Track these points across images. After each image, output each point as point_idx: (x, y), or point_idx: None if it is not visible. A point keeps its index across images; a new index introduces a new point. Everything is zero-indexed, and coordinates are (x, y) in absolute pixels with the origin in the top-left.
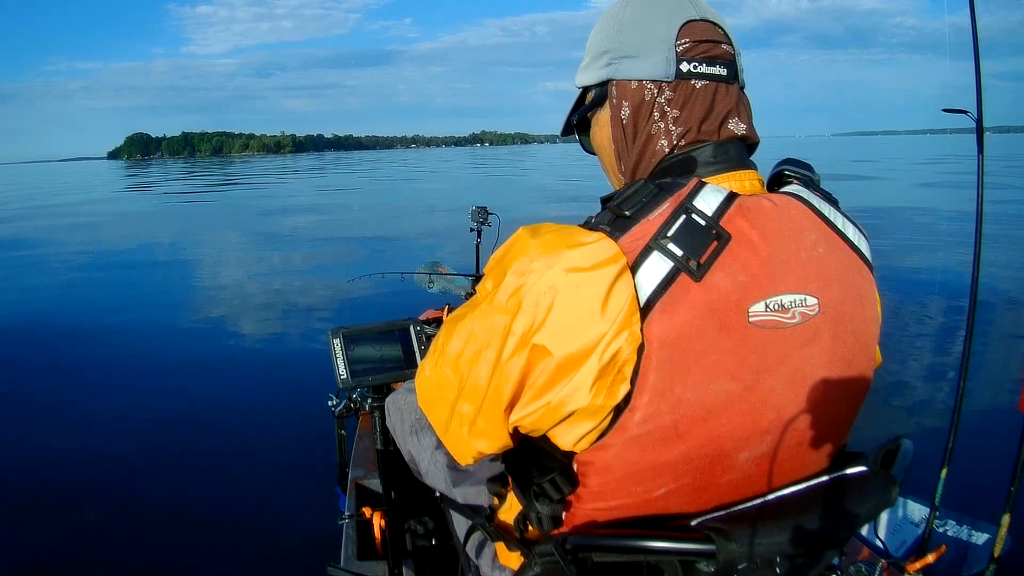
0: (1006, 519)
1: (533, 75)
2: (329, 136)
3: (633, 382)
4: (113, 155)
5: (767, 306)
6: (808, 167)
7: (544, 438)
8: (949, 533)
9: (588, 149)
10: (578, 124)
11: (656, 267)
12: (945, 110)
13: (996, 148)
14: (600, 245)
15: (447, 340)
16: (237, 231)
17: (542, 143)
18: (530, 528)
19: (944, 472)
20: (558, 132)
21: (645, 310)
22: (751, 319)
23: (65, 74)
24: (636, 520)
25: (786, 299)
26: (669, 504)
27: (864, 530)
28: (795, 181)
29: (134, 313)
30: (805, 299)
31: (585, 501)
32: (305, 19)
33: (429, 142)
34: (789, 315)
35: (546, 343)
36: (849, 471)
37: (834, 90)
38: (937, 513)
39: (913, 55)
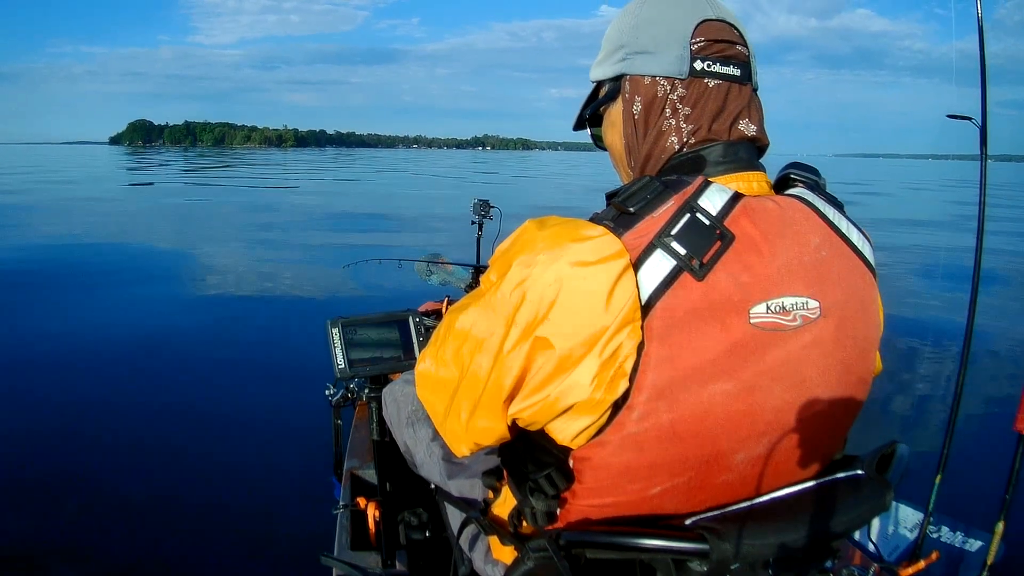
0: (1000, 527)
1: (538, 81)
2: (331, 132)
3: (632, 379)
4: (115, 140)
5: (768, 308)
6: (814, 171)
7: (541, 433)
8: (942, 539)
9: (599, 144)
10: (590, 118)
11: (659, 265)
12: (950, 116)
13: (998, 175)
14: (604, 240)
15: (448, 330)
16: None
17: (543, 149)
18: (524, 523)
19: (939, 478)
20: (560, 139)
21: (646, 308)
22: (752, 320)
23: (71, 56)
24: (630, 518)
25: (788, 301)
26: (664, 503)
27: (857, 534)
28: (800, 184)
29: (127, 300)
30: (807, 302)
31: (580, 497)
32: (313, 14)
33: (431, 143)
34: (790, 317)
35: (548, 335)
36: (844, 475)
37: (838, 110)
38: (931, 519)
39: (919, 79)
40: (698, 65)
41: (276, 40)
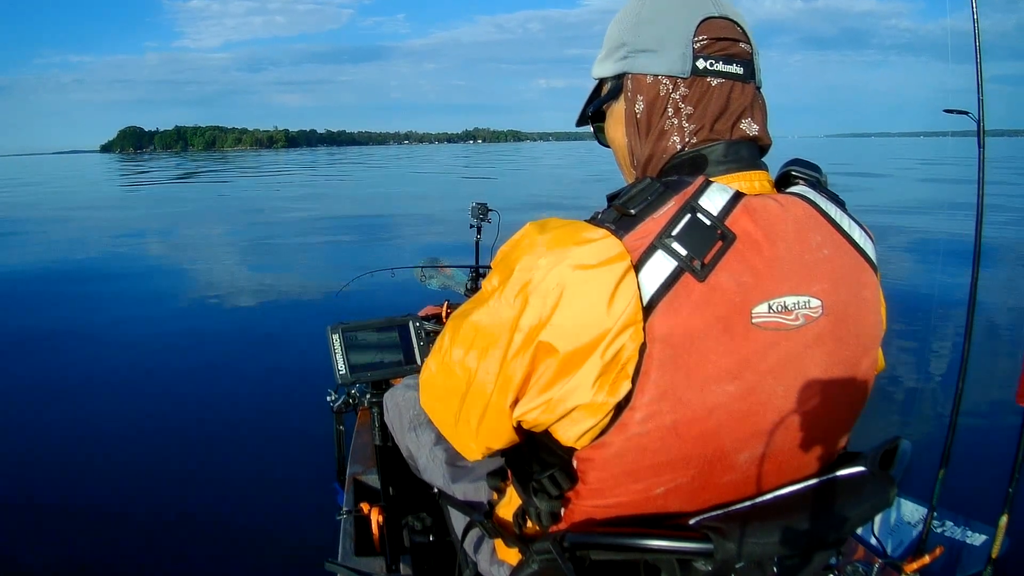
0: (1004, 520)
1: (526, 72)
2: (322, 132)
3: (635, 381)
4: (106, 148)
5: (770, 307)
6: (815, 168)
7: (545, 434)
8: (946, 534)
9: (602, 141)
10: (593, 116)
11: (660, 266)
12: (946, 111)
13: (991, 151)
14: (605, 243)
15: (453, 337)
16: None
17: (535, 140)
18: (528, 524)
19: (942, 473)
20: (551, 129)
21: (648, 309)
22: (754, 320)
23: (59, 67)
24: (634, 518)
25: (789, 300)
26: (668, 503)
27: (861, 530)
28: (802, 182)
29: (127, 308)
30: (809, 301)
31: (584, 498)
32: (298, 14)
33: (422, 138)
34: (792, 317)
35: (551, 339)
36: (847, 471)
37: (827, 92)
38: (935, 514)
39: (907, 57)
40: (701, 64)
41: (263, 42)
